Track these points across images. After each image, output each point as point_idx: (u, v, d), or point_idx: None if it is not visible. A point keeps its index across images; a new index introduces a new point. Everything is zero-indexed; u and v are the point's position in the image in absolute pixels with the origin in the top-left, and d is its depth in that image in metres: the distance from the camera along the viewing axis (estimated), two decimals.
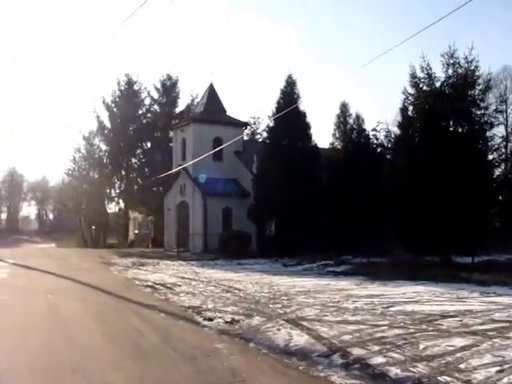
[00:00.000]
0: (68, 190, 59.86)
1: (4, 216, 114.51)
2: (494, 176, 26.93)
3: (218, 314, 11.66)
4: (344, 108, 41.35)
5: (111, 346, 8.72)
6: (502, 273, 19.76)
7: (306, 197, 33.65)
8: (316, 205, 33.76)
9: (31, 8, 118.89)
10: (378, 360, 7.58)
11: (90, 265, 27.19)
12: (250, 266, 26.82)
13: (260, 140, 47.25)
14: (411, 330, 9.60)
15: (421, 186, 24.72)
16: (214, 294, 15.04)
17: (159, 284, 17.71)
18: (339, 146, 39.31)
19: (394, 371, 7.03)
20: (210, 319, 11.02)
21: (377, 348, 8.25)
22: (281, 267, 26.87)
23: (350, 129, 40.79)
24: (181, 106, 56.10)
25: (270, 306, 12.87)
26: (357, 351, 8.08)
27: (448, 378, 6.72)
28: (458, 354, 7.87)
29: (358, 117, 40.36)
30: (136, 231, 62.64)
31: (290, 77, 37.62)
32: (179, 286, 17.27)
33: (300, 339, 8.97)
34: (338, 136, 41.26)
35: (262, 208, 35.16)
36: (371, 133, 35.62)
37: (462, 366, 7.31)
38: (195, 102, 54.41)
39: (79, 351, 8.26)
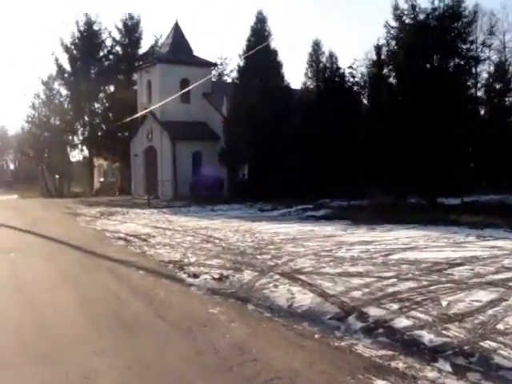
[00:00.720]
0: (29, 139, 57.20)
1: None
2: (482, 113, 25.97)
3: (202, 268, 10.53)
4: (317, 46, 39.91)
5: (87, 319, 7.24)
6: (492, 214, 18.92)
7: (278, 139, 32.47)
8: (289, 148, 32.63)
9: None
10: (403, 322, 6.54)
11: (56, 216, 25.73)
12: (225, 212, 25.72)
13: (229, 81, 45.22)
14: (424, 283, 8.60)
15: (401, 126, 23.68)
16: (194, 246, 13.88)
17: (132, 235, 16.46)
18: (312, 86, 38.27)
19: (427, 337, 5.98)
20: (196, 275, 9.87)
21: (395, 306, 7.22)
22: (257, 212, 25.85)
23: (322, 68, 39.61)
24: (144, 47, 53.72)
25: (258, 257, 11.79)
26: (374, 311, 7.03)
27: (493, 344, 5.69)
28: (490, 312, 6.89)
29: (331, 55, 39.09)
30: (101, 179, 60.84)
31: (260, 13, 35.87)
32: (154, 237, 16.03)
33: (304, 298, 7.89)
34: (310, 76, 40.10)
35: (234, 152, 33.84)
36: (347, 71, 34.18)
37: (500, 326, 6.30)
38: (159, 43, 52.13)
39: (47, 329, 6.83)
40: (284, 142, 32.55)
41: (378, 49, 28.72)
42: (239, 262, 11.22)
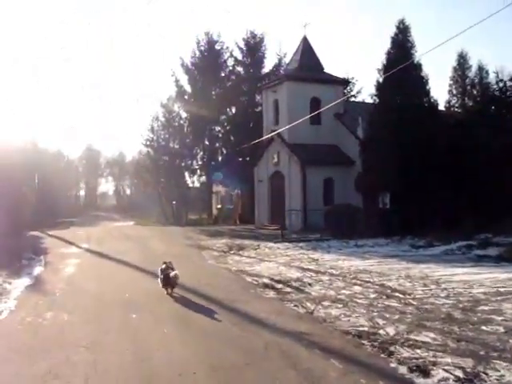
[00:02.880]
0: (146, 163, 56.09)
1: (82, 193, 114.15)
2: None
3: (419, 352, 7.08)
4: (463, 59, 36.15)
5: None
6: None
7: (424, 165, 28.62)
8: (436, 174, 28.65)
9: None
10: None
11: (178, 249, 23.09)
12: (372, 249, 22.16)
13: (359, 101, 41.67)
14: None
15: None
16: (373, 303, 10.50)
17: (280, 281, 13.34)
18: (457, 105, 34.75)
19: None
20: (423, 371, 6.36)
21: None
22: (411, 250, 22.11)
23: (469, 83, 35.72)
24: (267, 67, 51.23)
25: (483, 327, 8.18)
26: None
27: None
28: None
29: (480, 68, 35.19)
30: (218, 206, 58.84)
31: (402, 22, 32.05)
32: (310, 285, 12.84)
33: None
34: (455, 93, 36.28)
35: (374, 178, 30.12)
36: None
37: None
38: (283, 63, 49.62)
39: None
40: (430, 167, 28.68)
41: None
42: (462, 337, 7.75)
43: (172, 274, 11.55)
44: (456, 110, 35.61)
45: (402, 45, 31.88)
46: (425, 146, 28.99)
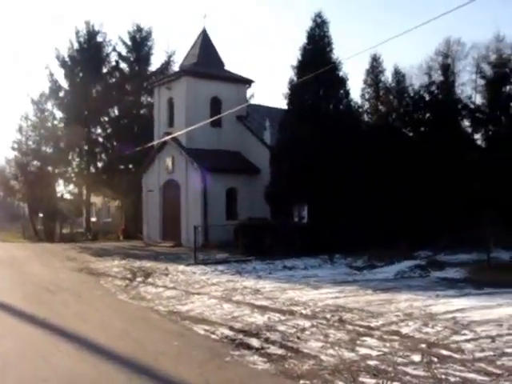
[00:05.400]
0: (12, 169, 49.28)
1: None
2: None
3: None
4: (375, 62, 33.90)
5: None
6: None
7: (345, 176, 25.84)
8: (359, 187, 26.02)
9: None
10: None
11: (67, 276, 18.43)
12: (309, 272, 18.81)
13: (262, 104, 38.13)
14: None
15: None
16: (436, 374, 6.77)
17: (247, 333, 9.34)
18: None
19: None
20: None
21: None
22: (353, 272, 18.79)
23: (383, 87, 33.71)
24: (154, 65, 46.59)
25: None
26: None
27: None
28: None
29: (396, 72, 33.15)
30: (93, 219, 53.27)
31: (319, 15, 29.04)
32: (298, 338, 8.89)
33: None
34: (367, 97, 34.02)
35: (286, 189, 26.73)
36: None
37: None
38: (172, 61, 45.45)
39: None
40: (353, 180, 25.99)
41: None
42: None
43: None
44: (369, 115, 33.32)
45: (318, 40, 28.94)
46: (345, 156, 26.17)
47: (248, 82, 35.04)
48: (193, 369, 7.20)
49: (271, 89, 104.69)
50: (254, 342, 8.49)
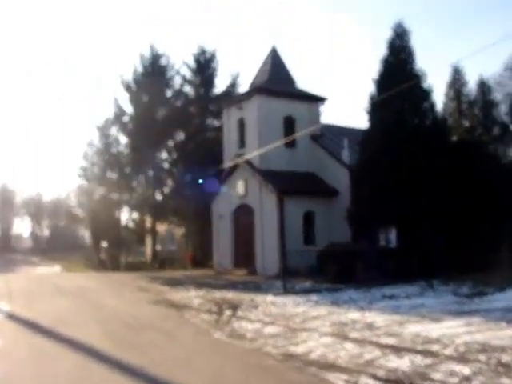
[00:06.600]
0: (79, 196, 48.72)
1: None
2: None
3: None
4: (457, 74, 32.01)
5: None
6: None
7: (435, 194, 23.97)
8: (449, 204, 24.04)
9: None
10: None
11: (144, 310, 16.84)
12: (414, 302, 16.51)
13: (334, 124, 36.38)
14: None
15: None
16: None
17: None
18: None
19: None
20: None
21: None
22: (463, 301, 16.43)
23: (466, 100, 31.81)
24: (218, 87, 45.48)
25: None
26: None
27: None
28: None
29: (482, 83, 31.17)
30: (158, 247, 52.19)
31: (399, 25, 27.26)
32: None
33: None
34: (450, 111, 32.11)
35: (369, 210, 24.92)
36: None
37: None
38: (237, 83, 44.26)
39: None
40: (445, 198, 24.13)
41: None
42: None
43: None
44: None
45: (399, 51, 27.16)
46: (435, 175, 24.28)
47: (321, 100, 33.42)
48: None
49: (339, 106, 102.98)
50: None
